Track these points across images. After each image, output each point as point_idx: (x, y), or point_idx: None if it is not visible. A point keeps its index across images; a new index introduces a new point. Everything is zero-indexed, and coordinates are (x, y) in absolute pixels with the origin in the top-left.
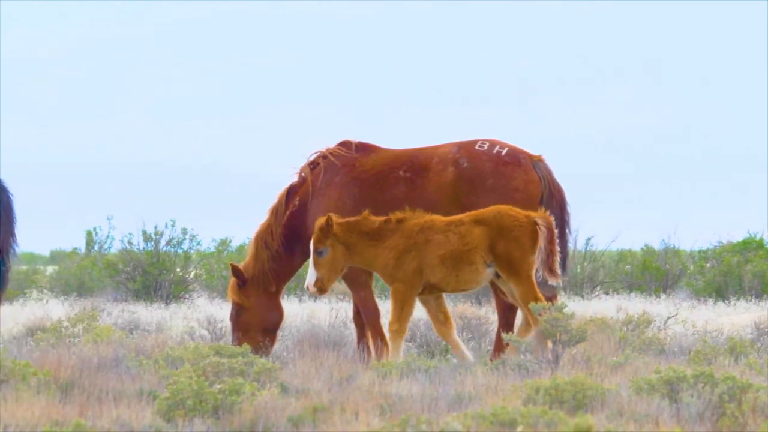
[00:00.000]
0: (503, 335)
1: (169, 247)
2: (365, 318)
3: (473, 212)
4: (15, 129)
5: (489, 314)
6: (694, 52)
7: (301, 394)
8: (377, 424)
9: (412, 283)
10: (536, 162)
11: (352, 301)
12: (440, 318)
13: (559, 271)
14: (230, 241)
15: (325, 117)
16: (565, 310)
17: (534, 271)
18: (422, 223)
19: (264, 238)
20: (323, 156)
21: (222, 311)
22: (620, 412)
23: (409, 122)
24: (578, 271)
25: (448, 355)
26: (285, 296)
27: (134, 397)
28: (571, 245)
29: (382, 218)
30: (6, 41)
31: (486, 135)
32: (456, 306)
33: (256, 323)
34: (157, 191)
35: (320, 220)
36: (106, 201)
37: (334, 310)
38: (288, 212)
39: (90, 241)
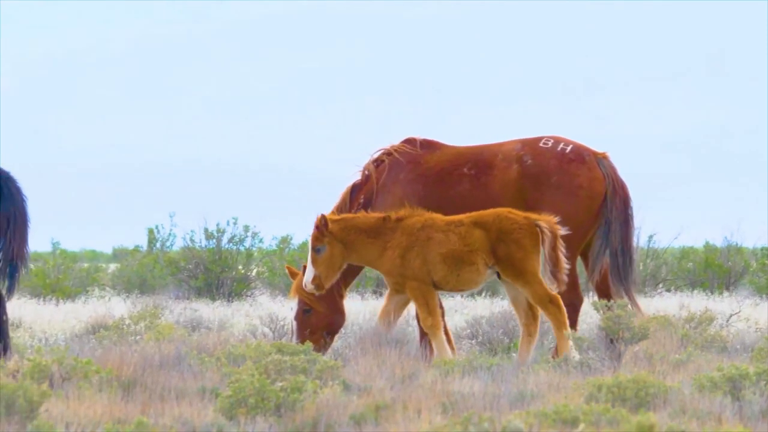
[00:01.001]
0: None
1: (231, 244)
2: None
3: (473, 214)
4: (79, 127)
5: None
6: (757, 51)
7: (363, 392)
8: (439, 422)
9: (424, 278)
10: (600, 159)
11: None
12: (391, 312)
13: (564, 278)
14: (291, 239)
15: (387, 115)
16: (628, 308)
17: (540, 271)
18: (423, 221)
19: None
20: (387, 153)
21: (284, 309)
22: (682, 410)
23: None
24: (641, 268)
25: (511, 353)
26: (347, 295)
27: (196, 395)
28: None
29: (381, 215)
30: (71, 40)
31: (550, 132)
32: None
33: (321, 325)
34: (219, 189)
35: (316, 218)
36: (168, 198)
37: None
38: (352, 210)
39: (152, 239)
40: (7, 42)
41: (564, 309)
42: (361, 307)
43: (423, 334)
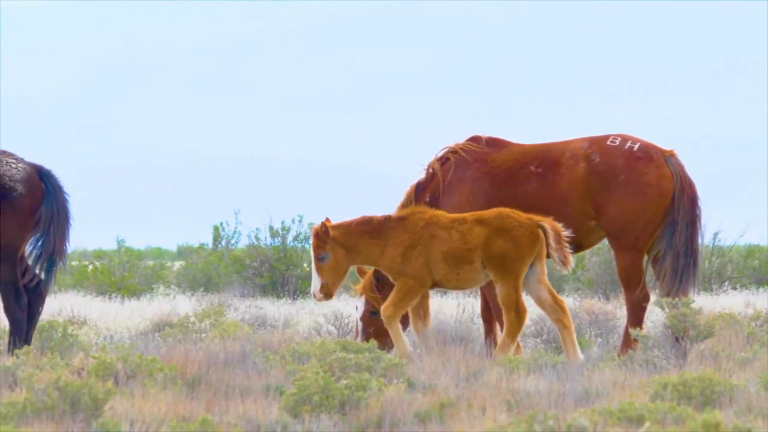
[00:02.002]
0: (631, 331)
1: (296, 242)
2: (494, 313)
3: (476, 212)
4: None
5: (616, 310)
6: None
7: (428, 390)
8: (504, 420)
9: (422, 279)
10: (668, 157)
11: (479, 296)
12: (420, 314)
13: (570, 260)
14: None
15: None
16: (693, 306)
17: (523, 277)
18: (427, 219)
19: None
20: (453, 151)
21: (348, 306)
22: (748, 408)
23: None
24: (706, 266)
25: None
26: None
27: (261, 393)
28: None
29: (382, 216)
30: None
31: (617, 130)
32: (583, 302)
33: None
34: (284, 187)
35: (315, 227)
36: (233, 196)
37: (461, 306)
38: None
39: (217, 237)
40: (73, 41)
41: (523, 323)
42: None
43: (488, 332)
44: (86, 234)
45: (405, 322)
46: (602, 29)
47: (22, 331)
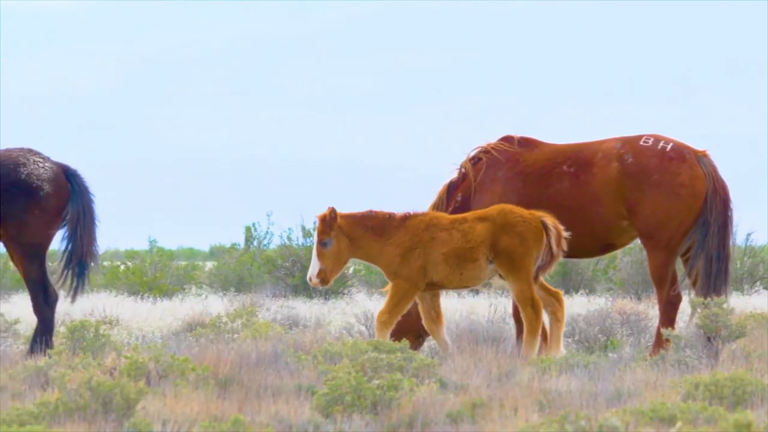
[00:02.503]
0: (663, 331)
1: None
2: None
3: (477, 211)
4: (177, 125)
5: (648, 309)
6: None
7: (460, 390)
8: (536, 420)
9: (416, 282)
10: (701, 157)
11: (511, 296)
12: (432, 315)
13: (553, 266)
14: None
15: (481, 113)
16: (725, 306)
17: (533, 271)
18: (427, 221)
19: None
20: (485, 151)
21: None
22: None
23: (571, 118)
24: (738, 266)
25: (608, 351)
26: (445, 292)
27: (293, 393)
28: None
29: (386, 213)
30: (172, 38)
31: (648, 131)
32: (615, 301)
33: (415, 327)
34: (316, 187)
35: (325, 212)
36: (265, 196)
37: (493, 306)
38: (449, 209)
39: (249, 237)
40: (110, 40)
41: (541, 316)
42: (458, 305)
43: (519, 332)
44: (118, 234)
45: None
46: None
47: (51, 331)
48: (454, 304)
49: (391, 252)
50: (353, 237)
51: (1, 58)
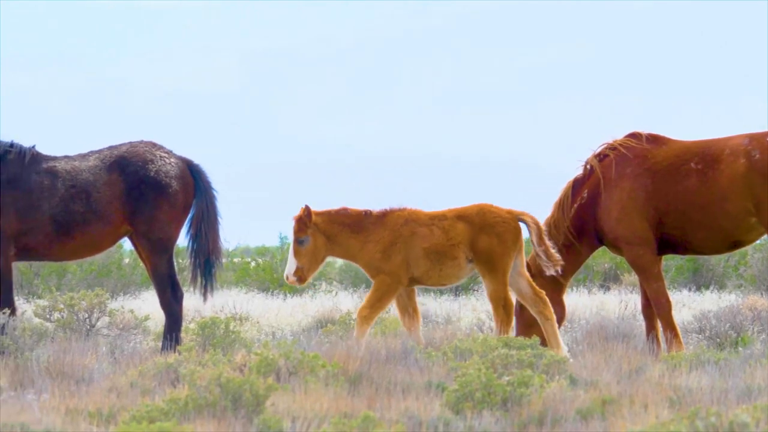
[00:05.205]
0: None
1: None
2: (656, 310)
3: (456, 208)
4: (305, 122)
5: None
6: None
7: (590, 387)
8: (666, 417)
9: (399, 277)
10: None
11: (641, 292)
12: (409, 311)
13: (558, 257)
14: None
15: (607, 109)
16: None
17: (509, 271)
18: (406, 216)
19: (549, 231)
20: (612, 148)
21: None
22: None
23: (699, 115)
24: None
25: (738, 348)
26: (574, 288)
27: (422, 390)
28: None
29: (362, 210)
30: (296, 36)
31: None
32: (746, 298)
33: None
34: (443, 182)
35: (300, 210)
36: (392, 192)
37: (623, 302)
38: (575, 205)
39: None
40: (235, 38)
41: (513, 317)
42: (588, 302)
43: (650, 328)
44: (249, 231)
45: (561, 317)
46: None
47: (179, 327)
48: (584, 301)
49: (372, 249)
50: (330, 234)
51: (126, 57)
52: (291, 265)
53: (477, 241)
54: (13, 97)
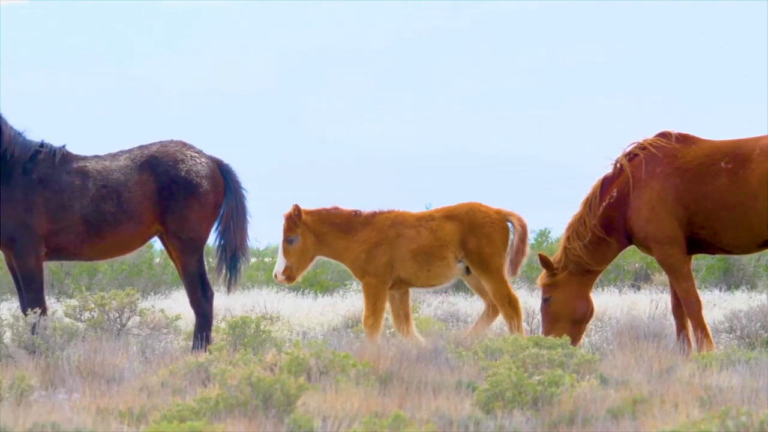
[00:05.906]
0: None
1: None
2: (687, 309)
3: (444, 208)
4: (337, 122)
5: None
6: None
7: (621, 386)
8: (697, 416)
9: (383, 278)
10: None
11: (671, 292)
12: (401, 315)
13: (518, 269)
14: (549, 233)
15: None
16: None
17: (505, 268)
18: (393, 218)
19: (576, 228)
20: (641, 147)
21: (539, 302)
22: None
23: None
24: None
25: None
26: (605, 288)
27: (453, 389)
28: None
29: (352, 210)
30: (329, 35)
31: None
32: None
33: (564, 314)
34: (477, 181)
35: (290, 209)
36: (425, 191)
37: (654, 302)
38: (603, 204)
39: None
40: (268, 38)
41: (520, 311)
42: (618, 301)
43: (680, 328)
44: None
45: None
46: None
47: (210, 326)
48: (615, 301)
49: (357, 249)
50: (319, 234)
51: (156, 56)
52: (280, 263)
53: (466, 241)
54: (45, 97)
